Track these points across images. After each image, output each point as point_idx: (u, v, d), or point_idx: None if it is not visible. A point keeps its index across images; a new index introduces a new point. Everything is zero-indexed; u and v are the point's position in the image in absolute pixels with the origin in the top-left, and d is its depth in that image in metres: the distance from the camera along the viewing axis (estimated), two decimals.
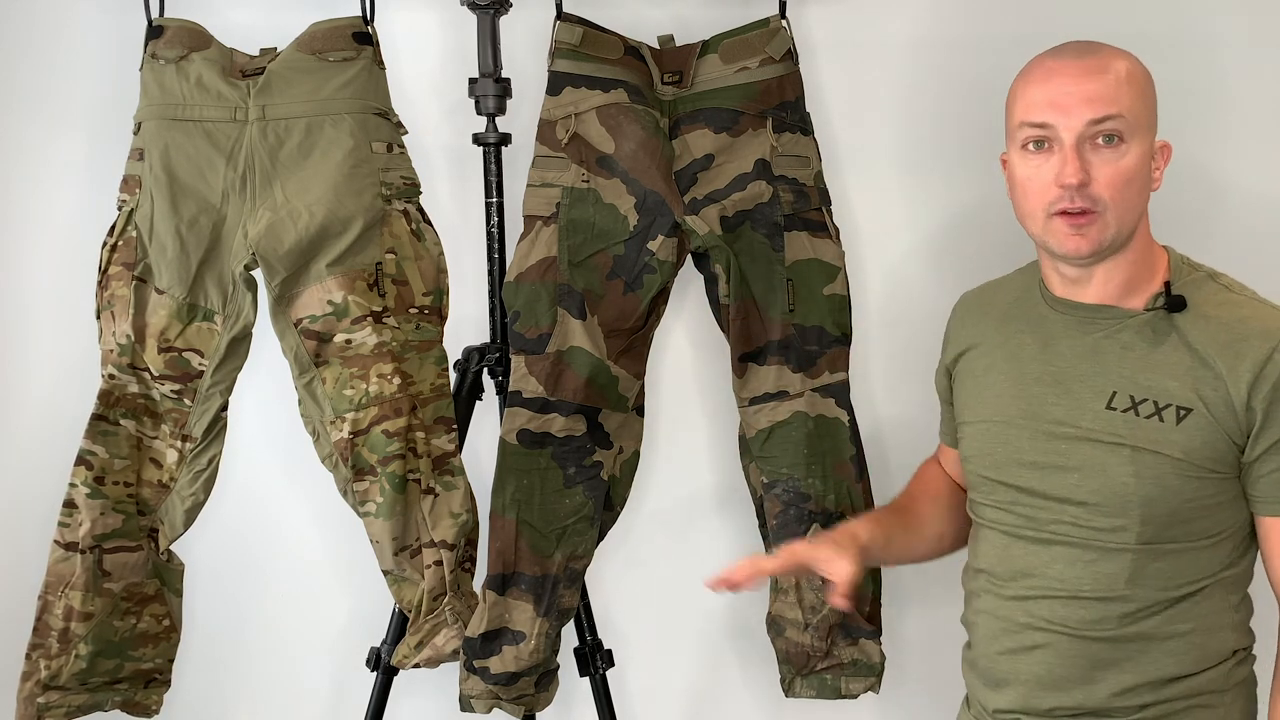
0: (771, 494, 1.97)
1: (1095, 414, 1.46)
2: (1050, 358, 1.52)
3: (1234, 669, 1.48)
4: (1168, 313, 1.45)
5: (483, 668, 1.92)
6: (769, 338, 1.95)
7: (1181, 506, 1.43)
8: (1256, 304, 1.45)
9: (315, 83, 1.87)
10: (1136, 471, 1.43)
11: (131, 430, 1.94)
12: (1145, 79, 1.47)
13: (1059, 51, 1.48)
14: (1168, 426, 1.42)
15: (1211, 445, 1.42)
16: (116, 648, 1.94)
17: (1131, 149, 1.43)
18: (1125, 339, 1.47)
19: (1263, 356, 1.39)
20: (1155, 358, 1.44)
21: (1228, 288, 1.47)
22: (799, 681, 1.99)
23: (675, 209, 1.91)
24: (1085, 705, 1.48)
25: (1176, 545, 1.45)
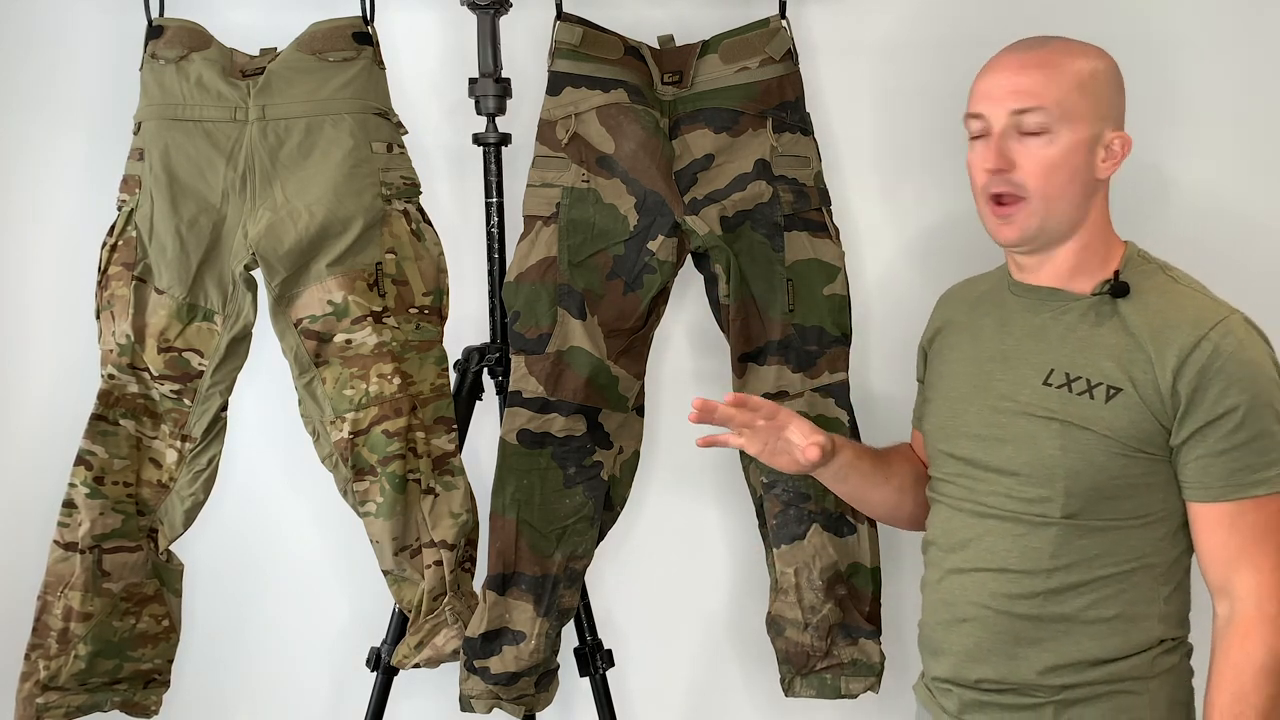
0: (771, 494, 1.97)
1: (1033, 389, 1.52)
2: (1003, 337, 1.59)
3: (1160, 657, 1.50)
4: (1112, 298, 1.50)
5: (483, 668, 1.92)
6: (769, 338, 1.95)
7: (1106, 482, 1.48)
8: (1197, 295, 1.50)
9: (315, 83, 1.87)
10: (1063, 445, 1.49)
11: (131, 430, 1.94)
12: (1099, 74, 1.51)
13: (1013, 46, 1.57)
14: (1097, 404, 1.48)
15: (1137, 425, 1.46)
16: (116, 648, 1.94)
17: (1059, 139, 1.49)
18: (1069, 320, 1.53)
19: (1190, 343, 1.43)
20: (1094, 339, 1.50)
21: (1175, 279, 1.52)
22: (799, 681, 1.99)
23: (675, 209, 1.91)
24: (1009, 680, 1.53)
25: (1101, 522, 1.49)
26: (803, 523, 1.95)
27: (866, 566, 1.97)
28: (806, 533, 1.95)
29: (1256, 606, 1.44)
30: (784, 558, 1.96)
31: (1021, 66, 1.52)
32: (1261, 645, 1.43)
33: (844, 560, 1.97)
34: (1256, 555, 1.44)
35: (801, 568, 1.95)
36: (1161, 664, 1.51)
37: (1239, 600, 1.45)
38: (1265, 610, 1.43)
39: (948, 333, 1.70)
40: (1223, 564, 1.46)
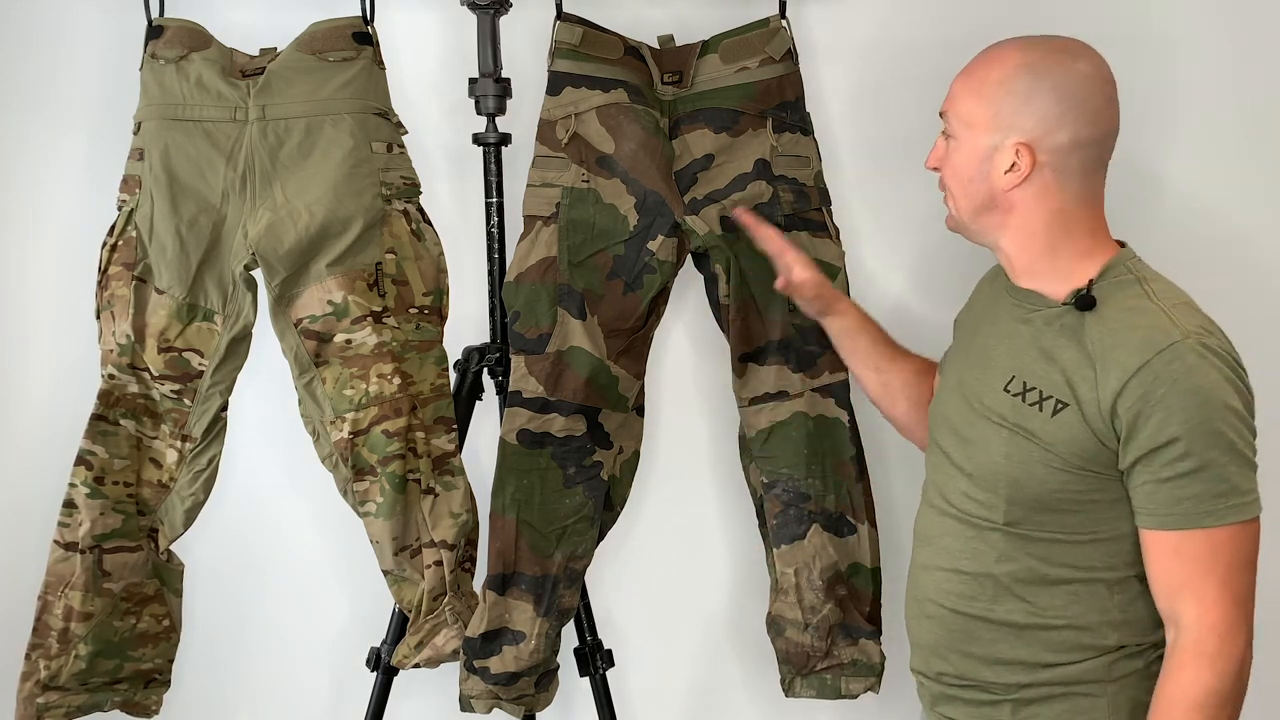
0: (771, 494, 1.97)
1: (995, 393, 1.52)
2: (987, 334, 1.59)
3: (1119, 662, 1.49)
4: (1078, 310, 1.47)
5: (483, 668, 1.92)
6: (769, 338, 1.95)
7: (1047, 495, 1.46)
8: (1160, 316, 1.43)
9: (315, 83, 1.87)
10: (1008, 453, 1.48)
11: (131, 430, 1.94)
12: (1007, 81, 1.47)
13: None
14: (1044, 416, 1.46)
15: (1078, 442, 1.44)
16: (116, 648, 1.94)
17: (961, 145, 1.52)
18: (1037, 327, 1.51)
19: (1132, 367, 1.39)
20: (1054, 350, 1.48)
21: (1148, 295, 1.46)
22: (799, 681, 1.99)
23: (675, 209, 1.91)
24: (967, 676, 1.55)
25: (1045, 534, 1.48)
26: (803, 523, 1.95)
27: (867, 567, 1.97)
28: (806, 533, 1.95)
29: (1195, 641, 1.40)
30: (784, 558, 1.96)
31: (962, 70, 1.55)
32: (1196, 680, 1.39)
33: (844, 560, 1.97)
34: (1200, 586, 1.40)
35: (801, 568, 1.95)
36: (1121, 668, 1.49)
37: (1181, 631, 1.41)
38: (1203, 646, 1.39)
39: (966, 313, 1.71)
40: (1168, 592, 1.42)
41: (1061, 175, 1.47)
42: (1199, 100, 2.10)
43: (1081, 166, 1.48)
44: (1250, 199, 2.14)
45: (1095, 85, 1.47)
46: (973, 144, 1.50)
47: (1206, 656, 1.39)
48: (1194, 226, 2.11)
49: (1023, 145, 1.46)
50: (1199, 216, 2.12)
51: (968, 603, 1.53)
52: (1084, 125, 1.46)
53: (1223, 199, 2.13)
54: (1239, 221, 2.14)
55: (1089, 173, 1.49)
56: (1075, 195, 1.49)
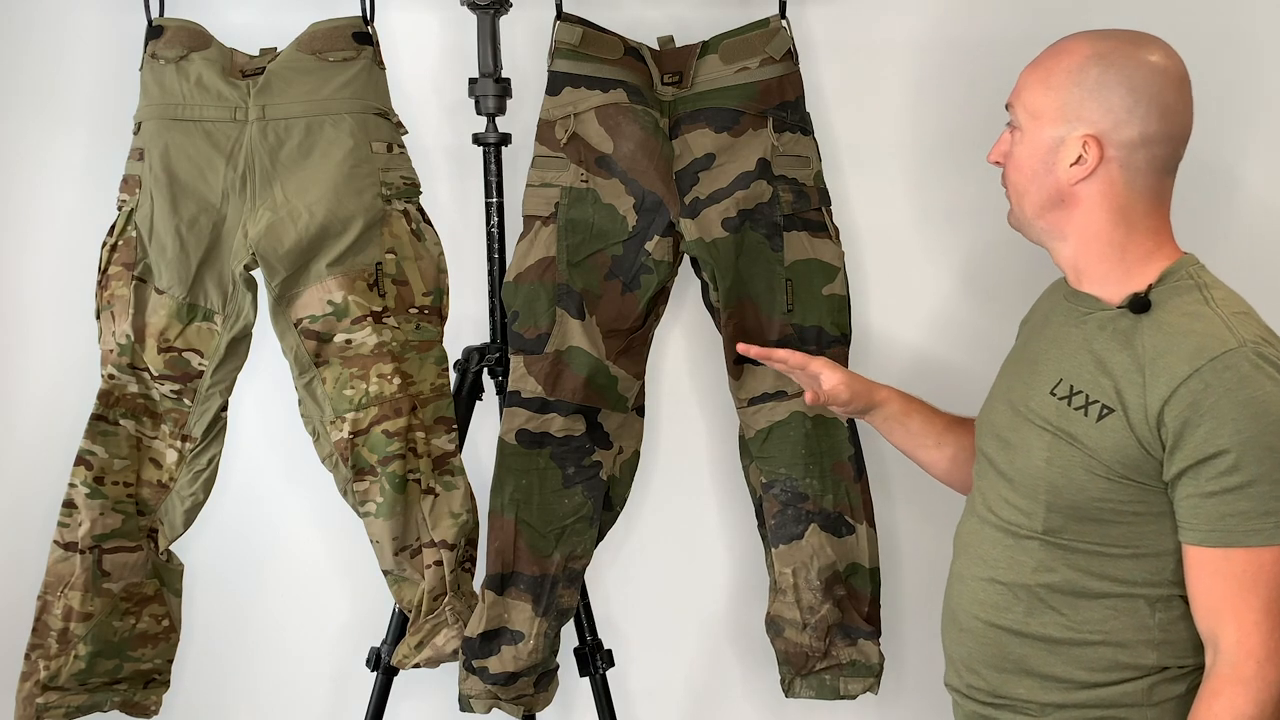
0: (770, 494, 1.97)
1: (1041, 396, 1.48)
2: (1038, 338, 1.56)
3: (1159, 686, 1.43)
4: (1132, 313, 1.42)
5: (481, 667, 1.92)
6: (766, 337, 1.95)
7: (1088, 503, 1.42)
8: (1218, 323, 1.38)
9: (315, 83, 1.87)
10: (1049, 458, 1.44)
11: (131, 430, 1.94)
12: (1075, 71, 1.43)
13: None
14: (1089, 421, 1.42)
15: (1123, 449, 1.39)
16: (116, 648, 1.94)
17: (1024, 138, 1.47)
18: (1089, 330, 1.47)
19: (1181, 376, 1.35)
20: (1105, 354, 1.43)
21: (1207, 300, 1.41)
22: (798, 682, 1.99)
23: (672, 209, 1.91)
24: (999, 693, 1.51)
25: (1085, 545, 1.44)
26: (800, 523, 1.95)
27: (865, 567, 1.97)
28: (804, 533, 1.95)
29: (1232, 665, 1.35)
30: (782, 558, 1.96)
31: (1031, 61, 1.50)
32: (1230, 707, 1.35)
33: (842, 560, 1.96)
34: (1241, 608, 1.35)
35: (799, 568, 1.95)
36: (1162, 693, 1.43)
37: (1219, 654, 1.36)
38: (1240, 670, 1.35)
39: (1026, 322, 1.68)
40: (1208, 612, 1.38)
41: (1128, 172, 1.42)
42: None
43: (1149, 164, 1.43)
44: None
45: (1168, 80, 1.42)
46: (1038, 136, 1.45)
47: (1243, 682, 1.34)
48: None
49: (1090, 138, 1.42)
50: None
51: (1001, 614, 1.49)
52: (1154, 120, 1.41)
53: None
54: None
55: (1157, 172, 1.44)
56: (1140, 195, 1.44)
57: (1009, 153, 1.50)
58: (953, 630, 1.57)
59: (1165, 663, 1.43)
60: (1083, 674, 1.45)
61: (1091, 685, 1.45)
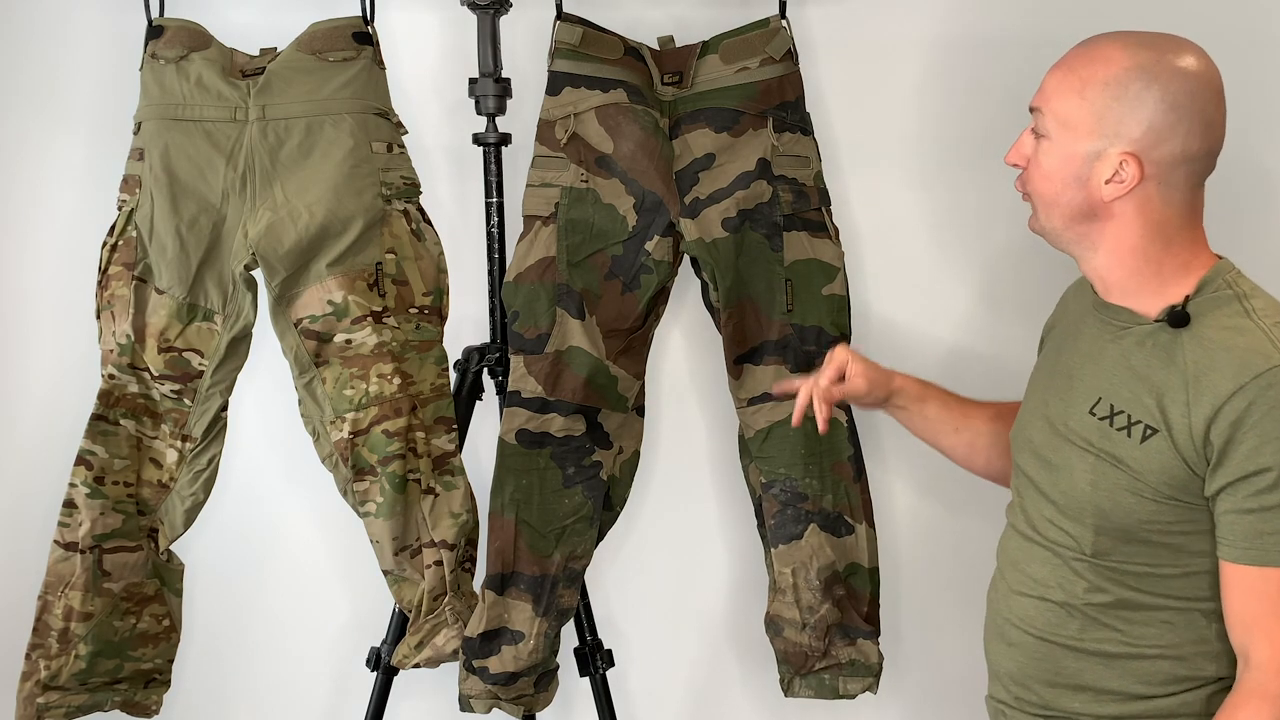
0: (769, 494, 1.97)
1: (1080, 416, 1.45)
2: (1070, 352, 1.51)
3: (1216, 695, 1.41)
4: (1172, 327, 1.38)
5: (482, 667, 1.93)
6: (766, 337, 1.95)
7: (1136, 526, 1.39)
8: (1260, 336, 1.34)
9: (315, 83, 1.87)
10: (1094, 481, 1.41)
11: (131, 430, 1.94)
12: (1113, 84, 1.36)
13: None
14: (1133, 443, 1.38)
15: (1168, 470, 1.36)
16: (116, 648, 1.94)
17: (1053, 148, 1.40)
18: (1127, 346, 1.42)
19: (1226, 392, 1.32)
20: (1144, 371, 1.39)
21: (1247, 312, 1.37)
22: (798, 681, 1.99)
23: (672, 209, 1.91)
24: (1052, 706, 1.48)
25: (1136, 566, 1.41)
26: (800, 522, 1.95)
27: (865, 567, 1.97)
28: (804, 532, 1.95)
29: (1260, 681, 1.34)
30: (781, 557, 1.97)
31: (1058, 62, 1.43)
32: (1252, 718, 1.34)
33: (842, 560, 1.97)
34: (1273, 627, 1.34)
35: (799, 567, 1.95)
36: (1220, 702, 1.39)
37: (1249, 668, 1.35)
38: (1267, 687, 1.34)
39: (1052, 334, 1.62)
40: (1241, 627, 1.36)
41: (1165, 188, 1.37)
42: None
43: (1187, 180, 1.38)
44: None
45: (1209, 93, 1.37)
46: (1070, 148, 1.38)
47: (1269, 698, 1.34)
48: None
49: (1129, 155, 1.35)
50: None
51: (1054, 631, 1.46)
52: (1195, 138, 1.36)
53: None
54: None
55: (1194, 186, 1.40)
56: (1177, 209, 1.39)
57: (1033, 159, 1.44)
58: (999, 644, 1.53)
59: (1223, 673, 1.42)
60: (1140, 687, 1.43)
61: (1149, 697, 1.43)
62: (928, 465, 2.18)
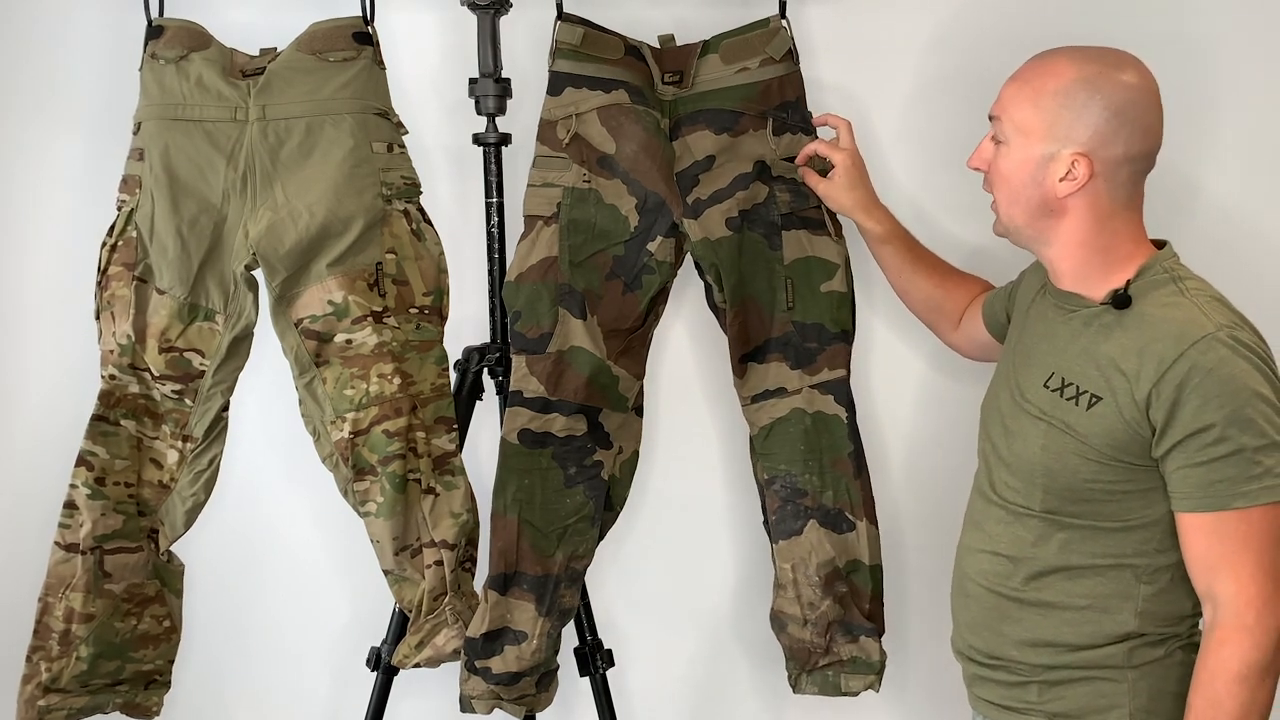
0: (771, 489, 1.98)
1: (1036, 389, 1.60)
2: (1030, 333, 1.66)
3: (1138, 650, 1.56)
4: (1115, 309, 1.54)
5: (484, 668, 1.92)
6: (768, 335, 1.95)
7: (1080, 485, 1.54)
8: (1194, 309, 1.50)
9: (315, 83, 1.87)
10: (1045, 445, 1.56)
11: (132, 431, 1.94)
12: (1062, 93, 1.52)
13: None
14: (1080, 410, 1.53)
15: (1112, 434, 1.51)
16: (117, 649, 1.94)
17: (1011, 152, 1.56)
18: (1075, 326, 1.58)
19: (1170, 358, 1.46)
20: (1091, 347, 1.55)
21: (1183, 291, 1.53)
22: (804, 678, 2.00)
23: (674, 210, 1.92)
24: (995, 654, 1.64)
25: (1080, 522, 1.56)
26: (800, 518, 1.96)
27: (866, 564, 1.97)
28: (803, 528, 1.96)
29: (1234, 615, 1.47)
30: (782, 553, 1.97)
31: (1013, 75, 1.59)
32: (1236, 654, 1.46)
33: (842, 557, 1.97)
34: (1236, 564, 1.47)
35: (798, 563, 1.95)
36: (1142, 656, 1.56)
37: (1220, 608, 1.48)
38: (1242, 619, 1.46)
39: (1016, 309, 1.76)
40: (1205, 571, 1.49)
41: (1111, 185, 1.54)
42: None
43: (1130, 177, 1.54)
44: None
45: (1147, 101, 1.53)
46: (1026, 151, 1.55)
47: (1246, 629, 1.46)
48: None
49: (1079, 155, 1.52)
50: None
51: (1002, 582, 1.62)
52: (1136, 140, 1.52)
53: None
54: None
55: (1135, 183, 1.56)
56: (1121, 203, 1.55)
57: (993, 163, 1.60)
58: (960, 597, 1.70)
59: (1144, 629, 1.56)
60: (1070, 637, 1.58)
61: (1077, 648, 1.57)
62: (931, 463, 2.18)
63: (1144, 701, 1.55)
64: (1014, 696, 1.62)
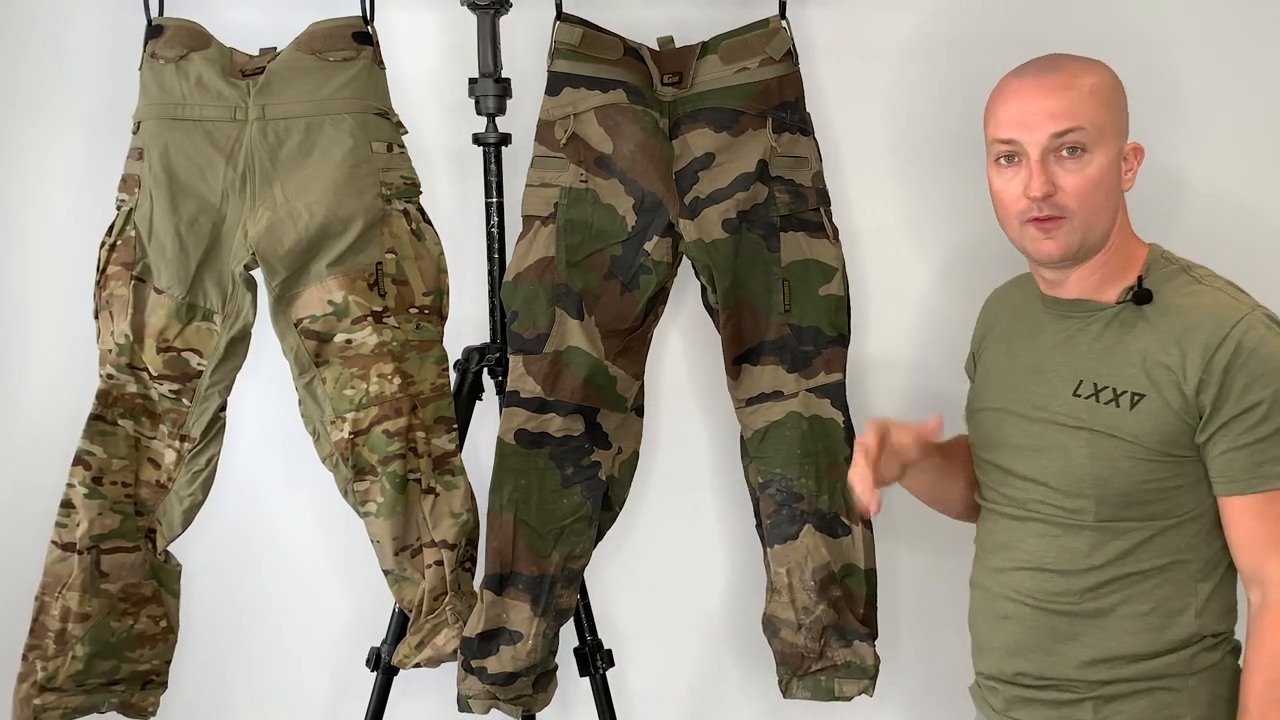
0: (766, 493, 1.97)
1: (1064, 400, 1.56)
2: (1035, 349, 1.62)
3: (1199, 655, 1.53)
4: (1136, 305, 1.53)
5: (480, 667, 1.92)
6: (763, 338, 1.95)
7: (1134, 488, 1.51)
8: (1219, 294, 1.51)
9: (315, 82, 1.87)
10: (1091, 454, 1.52)
11: (130, 430, 1.94)
12: (1111, 88, 1.54)
13: (1024, 70, 1.57)
14: (1123, 411, 1.51)
15: (1162, 429, 1.49)
16: (113, 649, 1.94)
17: (1095, 157, 1.51)
18: (1095, 330, 1.56)
19: (1214, 342, 1.46)
20: (1119, 347, 1.53)
21: (1198, 280, 1.54)
22: (795, 683, 1.99)
23: (671, 210, 1.91)
24: (1047, 675, 1.57)
25: (1134, 524, 1.52)
26: (795, 523, 1.95)
27: (861, 568, 1.97)
28: (799, 533, 1.95)
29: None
30: (777, 557, 1.96)
31: (1050, 89, 1.52)
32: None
33: (837, 561, 1.96)
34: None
35: (794, 568, 1.95)
36: (1201, 661, 1.53)
37: (1271, 588, 1.47)
38: None
39: (990, 341, 1.73)
40: (1253, 553, 1.48)
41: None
42: (1199, 102, 2.09)
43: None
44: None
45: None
46: (1109, 153, 1.52)
47: None
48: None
49: (1133, 146, 1.54)
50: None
51: (1053, 599, 1.56)
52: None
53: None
54: (1258, 218, 2.13)
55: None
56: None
57: (1068, 177, 1.50)
58: (992, 620, 1.62)
59: (1204, 631, 1.53)
60: (1132, 647, 1.52)
61: (1139, 658, 1.52)
62: None
63: (1204, 710, 1.52)
64: (1065, 716, 1.56)
